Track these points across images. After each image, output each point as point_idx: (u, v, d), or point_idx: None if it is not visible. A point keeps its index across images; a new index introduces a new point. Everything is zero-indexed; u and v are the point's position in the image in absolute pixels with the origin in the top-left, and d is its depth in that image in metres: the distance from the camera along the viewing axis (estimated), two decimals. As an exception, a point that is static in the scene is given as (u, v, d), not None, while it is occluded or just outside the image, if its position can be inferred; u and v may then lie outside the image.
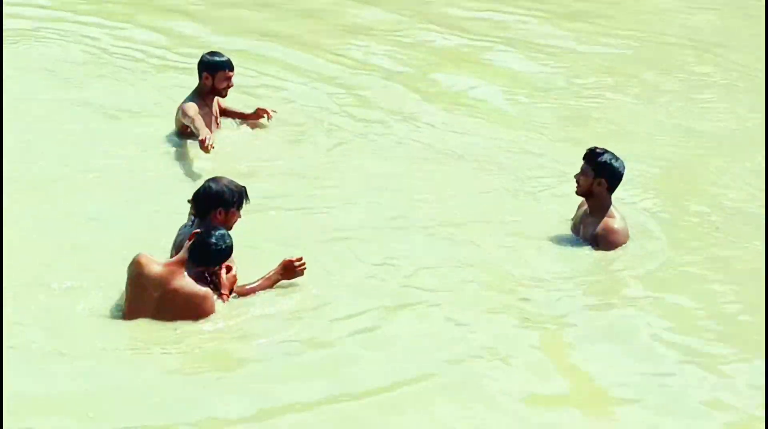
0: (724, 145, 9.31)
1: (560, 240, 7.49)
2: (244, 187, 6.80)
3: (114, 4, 12.43)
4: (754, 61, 11.42)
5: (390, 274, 6.90)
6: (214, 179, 6.78)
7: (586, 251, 7.33)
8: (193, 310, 6.18)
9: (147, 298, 6.16)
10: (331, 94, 10.06)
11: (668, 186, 8.54)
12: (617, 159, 7.44)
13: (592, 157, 7.43)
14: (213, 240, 6.24)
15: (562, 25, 12.59)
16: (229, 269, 6.45)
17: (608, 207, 7.43)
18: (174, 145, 8.82)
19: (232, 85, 9.08)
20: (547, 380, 5.88)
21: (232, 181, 6.80)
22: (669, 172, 8.79)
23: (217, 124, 9.12)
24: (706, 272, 7.15)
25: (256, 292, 6.55)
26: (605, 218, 7.38)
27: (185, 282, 6.16)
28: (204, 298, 6.20)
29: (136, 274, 6.18)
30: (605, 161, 7.38)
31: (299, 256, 6.67)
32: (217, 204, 6.65)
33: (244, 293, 6.53)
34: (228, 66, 9.05)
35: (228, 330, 6.14)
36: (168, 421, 5.37)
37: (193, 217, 6.71)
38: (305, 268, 6.66)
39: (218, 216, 6.65)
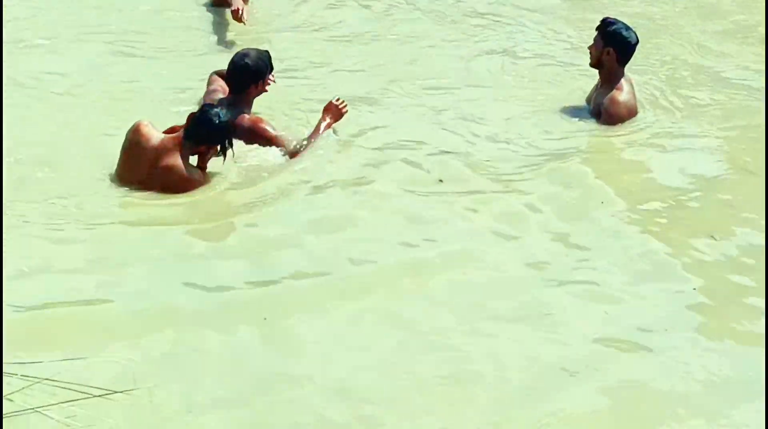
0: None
1: (571, 111, 7.48)
2: (268, 52, 7.11)
3: None
4: None
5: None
6: (243, 54, 7.00)
7: (585, 124, 7.34)
8: (180, 191, 6.27)
9: (139, 166, 6.28)
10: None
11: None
12: (628, 29, 7.38)
13: (603, 26, 7.42)
14: (210, 117, 6.32)
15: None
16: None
17: (619, 79, 7.40)
18: (210, 14, 8.94)
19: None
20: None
21: (257, 50, 7.10)
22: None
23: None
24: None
25: (313, 141, 6.79)
26: (612, 91, 7.38)
27: (177, 162, 6.27)
28: (192, 183, 6.31)
29: (134, 141, 6.31)
30: (614, 30, 7.36)
31: (338, 98, 6.95)
32: (254, 77, 6.95)
33: (302, 147, 6.77)
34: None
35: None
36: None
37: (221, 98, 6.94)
38: (347, 106, 6.93)
39: (255, 88, 6.97)
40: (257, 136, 6.76)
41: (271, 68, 7.08)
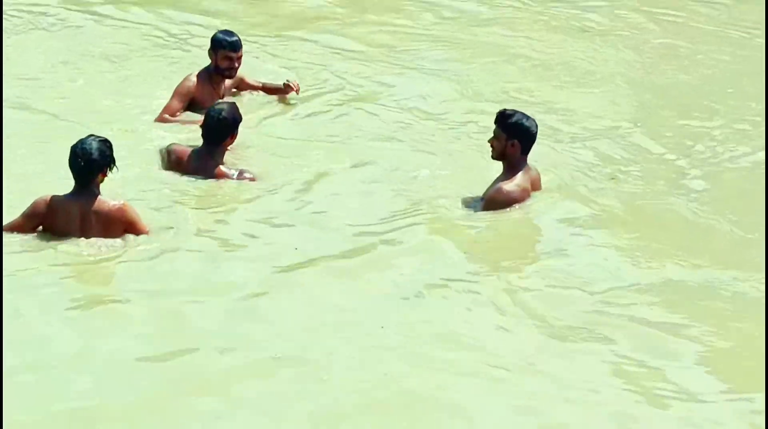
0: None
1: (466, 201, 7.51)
2: (235, 103, 8.03)
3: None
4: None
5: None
6: (219, 110, 7.78)
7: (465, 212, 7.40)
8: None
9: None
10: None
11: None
12: (528, 118, 7.39)
13: (503, 118, 7.38)
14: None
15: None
16: None
17: (519, 169, 7.39)
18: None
19: (235, 67, 8.86)
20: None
21: (230, 104, 7.97)
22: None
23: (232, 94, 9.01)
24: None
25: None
26: (504, 180, 7.35)
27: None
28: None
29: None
30: (516, 122, 7.33)
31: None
32: (231, 129, 7.78)
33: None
34: (229, 46, 8.82)
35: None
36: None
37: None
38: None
39: (231, 138, 7.82)
40: None
41: (240, 119, 7.85)
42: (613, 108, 9.43)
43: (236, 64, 8.89)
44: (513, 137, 7.32)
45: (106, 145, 6.76)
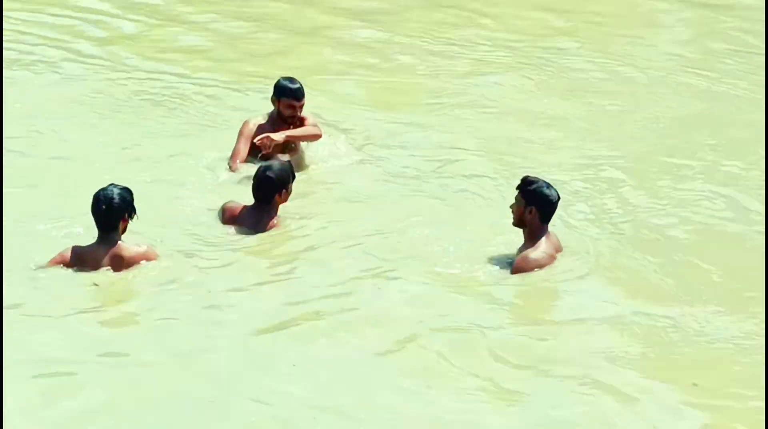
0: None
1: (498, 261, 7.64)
2: (290, 162, 8.23)
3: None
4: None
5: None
6: (267, 168, 7.96)
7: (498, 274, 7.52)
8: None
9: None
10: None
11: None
12: (549, 187, 7.46)
13: (523, 185, 7.47)
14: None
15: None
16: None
17: (541, 235, 7.47)
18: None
19: (298, 116, 8.96)
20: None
21: (280, 162, 8.14)
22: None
23: (289, 149, 8.98)
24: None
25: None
26: (528, 248, 7.44)
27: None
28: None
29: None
30: (535, 190, 7.41)
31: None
32: (279, 188, 7.92)
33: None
34: (292, 94, 8.95)
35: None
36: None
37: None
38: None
39: (280, 196, 7.97)
40: None
41: (293, 177, 8.01)
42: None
43: (298, 112, 9.00)
44: (531, 204, 7.40)
45: (127, 192, 7.15)
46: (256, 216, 7.97)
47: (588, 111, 10.83)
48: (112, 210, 7.07)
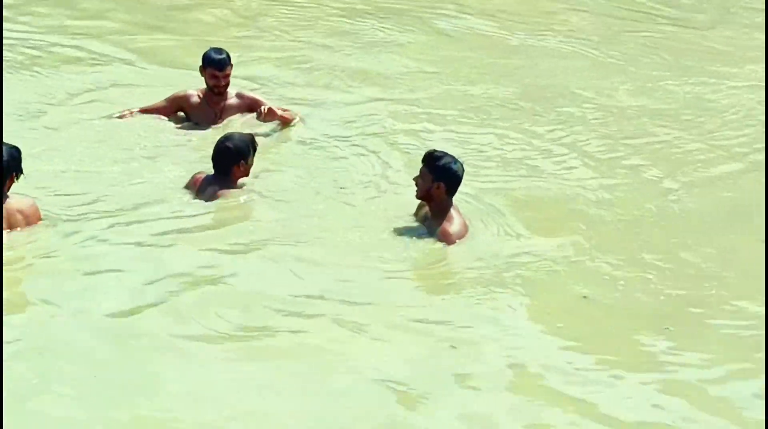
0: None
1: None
2: (251, 134, 8.06)
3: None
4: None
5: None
6: (226, 138, 7.85)
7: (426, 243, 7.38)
8: None
9: None
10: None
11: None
12: (456, 162, 7.38)
13: (431, 160, 7.34)
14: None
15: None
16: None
17: (448, 209, 7.36)
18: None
19: (222, 85, 9.06)
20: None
21: (240, 134, 7.98)
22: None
23: (219, 120, 9.12)
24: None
25: None
26: (443, 223, 7.32)
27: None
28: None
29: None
30: (443, 165, 7.28)
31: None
32: (238, 158, 7.76)
33: None
34: (213, 63, 9.03)
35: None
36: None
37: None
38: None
39: (239, 168, 7.81)
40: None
41: (254, 151, 7.88)
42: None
43: (222, 82, 9.04)
44: (439, 179, 7.26)
45: (16, 150, 7.06)
46: (212, 186, 7.79)
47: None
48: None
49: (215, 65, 9.02)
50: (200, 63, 9.12)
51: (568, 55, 11.69)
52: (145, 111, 9.20)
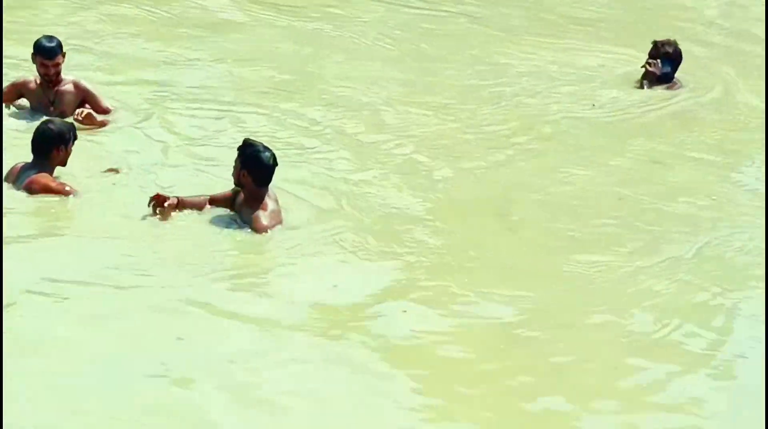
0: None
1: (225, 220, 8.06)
2: (73, 124, 8.30)
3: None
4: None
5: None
6: (47, 122, 8.06)
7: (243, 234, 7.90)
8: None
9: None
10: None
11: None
12: (266, 150, 7.71)
13: (240, 148, 7.77)
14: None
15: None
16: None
17: (262, 198, 7.76)
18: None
19: (51, 74, 9.23)
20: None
21: (62, 120, 8.25)
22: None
23: (53, 108, 9.32)
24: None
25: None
26: (258, 210, 7.74)
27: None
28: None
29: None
30: (250, 153, 7.70)
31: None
32: (58, 142, 7.96)
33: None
34: (42, 52, 9.23)
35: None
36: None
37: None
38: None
39: (59, 153, 7.98)
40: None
41: (75, 138, 8.04)
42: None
43: (51, 71, 9.27)
44: (245, 167, 7.71)
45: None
46: (29, 171, 8.03)
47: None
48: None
49: (44, 53, 9.21)
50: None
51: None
52: None
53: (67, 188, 8.05)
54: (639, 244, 8.23)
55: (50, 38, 9.34)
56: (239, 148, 7.79)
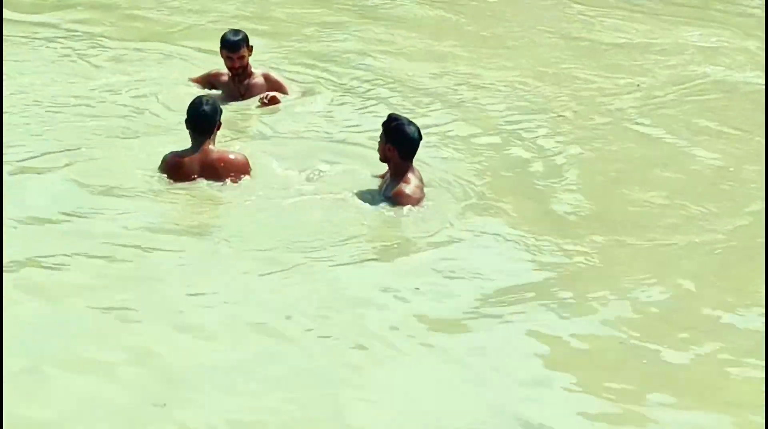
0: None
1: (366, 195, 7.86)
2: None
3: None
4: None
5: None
6: (199, 103, 8.00)
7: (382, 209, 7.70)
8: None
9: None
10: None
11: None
12: (410, 124, 7.69)
13: (386, 122, 7.73)
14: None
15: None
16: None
17: (406, 171, 7.69)
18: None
19: (236, 67, 9.41)
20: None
21: (207, 96, 8.33)
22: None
23: (242, 99, 9.51)
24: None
25: None
26: (400, 183, 7.65)
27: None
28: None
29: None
30: (394, 127, 7.65)
31: None
32: (216, 120, 7.97)
33: None
34: (226, 46, 9.44)
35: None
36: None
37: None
38: None
39: (218, 129, 8.01)
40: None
41: (221, 112, 8.11)
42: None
43: (236, 64, 9.41)
44: (389, 142, 7.65)
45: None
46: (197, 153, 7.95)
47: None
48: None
49: (228, 47, 9.40)
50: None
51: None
52: (194, 81, 9.75)
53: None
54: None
55: (236, 32, 9.51)
56: (384, 124, 7.77)
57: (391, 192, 7.68)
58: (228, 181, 7.89)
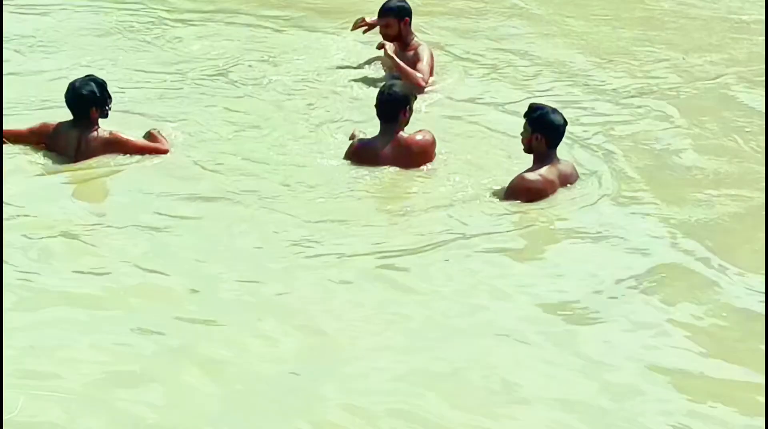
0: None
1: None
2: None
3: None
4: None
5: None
6: (390, 86, 8.06)
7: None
8: None
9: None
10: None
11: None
12: (555, 113, 7.56)
13: (529, 112, 7.62)
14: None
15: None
16: None
17: (549, 162, 7.58)
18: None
19: (382, 34, 9.32)
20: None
21: (401, 82, 8.33)
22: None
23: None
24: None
25: None
26: (525, 172, 7.57)
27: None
28: None
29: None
30: (540, 116, 7.54)
31: None
32: (404, 103, 7.94)
33: None
34: (380, 11, 9.39)
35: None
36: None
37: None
38: None
39: (405, 114, 7.98)
40: None
41: (415, 97, 8.14)
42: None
43: (381, 31, 9.34)
44: (537, 131, 7.53)
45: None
46: (384, 138, 7.99)
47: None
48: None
49: (380, 12, 9.37)
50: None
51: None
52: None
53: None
54: None
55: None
56: (526, 114, 7.65)
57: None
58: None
